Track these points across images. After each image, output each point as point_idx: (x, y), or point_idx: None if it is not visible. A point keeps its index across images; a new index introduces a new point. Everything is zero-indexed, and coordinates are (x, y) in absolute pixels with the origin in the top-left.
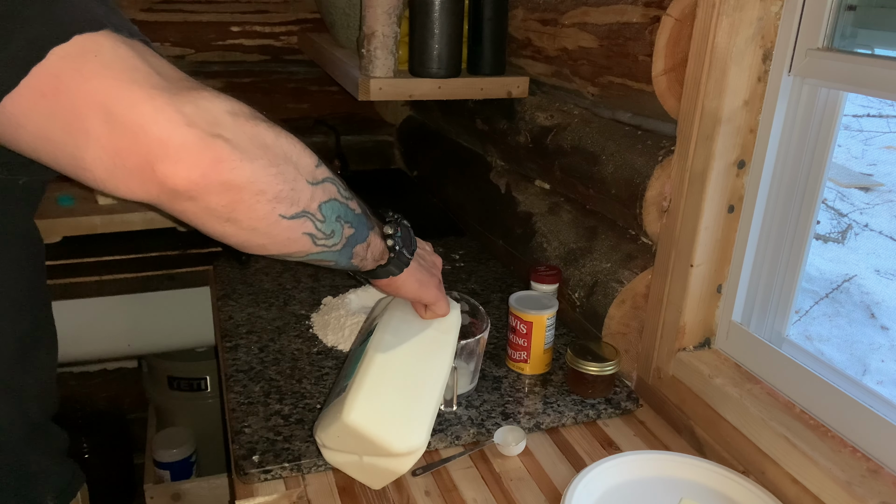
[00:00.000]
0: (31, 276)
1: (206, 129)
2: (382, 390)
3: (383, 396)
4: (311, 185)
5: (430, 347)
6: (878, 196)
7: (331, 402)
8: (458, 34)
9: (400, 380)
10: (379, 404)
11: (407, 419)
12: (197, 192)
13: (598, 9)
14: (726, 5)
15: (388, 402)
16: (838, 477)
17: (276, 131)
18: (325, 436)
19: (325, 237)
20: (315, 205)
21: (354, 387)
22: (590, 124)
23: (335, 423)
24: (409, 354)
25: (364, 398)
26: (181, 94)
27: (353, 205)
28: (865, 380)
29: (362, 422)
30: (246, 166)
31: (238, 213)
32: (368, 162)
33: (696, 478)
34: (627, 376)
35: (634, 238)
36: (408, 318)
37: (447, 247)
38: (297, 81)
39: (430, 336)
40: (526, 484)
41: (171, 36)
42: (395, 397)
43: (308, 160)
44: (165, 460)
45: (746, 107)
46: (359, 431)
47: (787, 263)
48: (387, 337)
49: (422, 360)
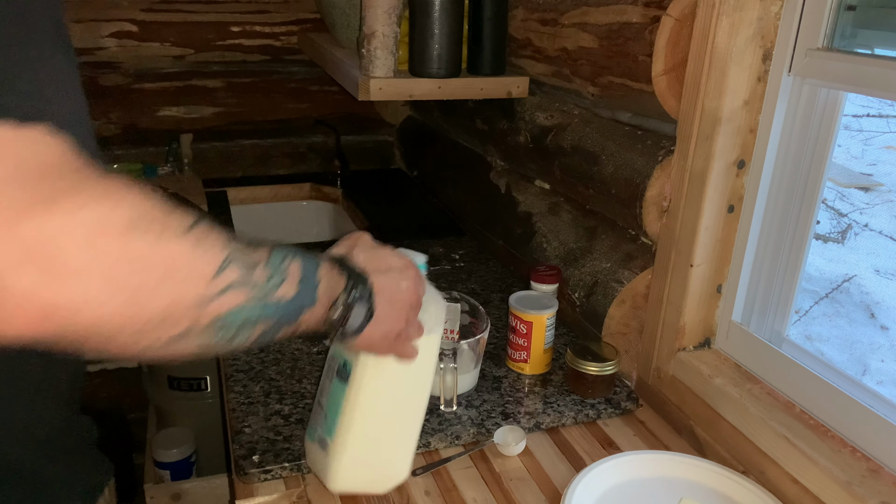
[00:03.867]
0: None
1: (42, 269)
2: (368, 447)
3: (369, 454)
4: (200, 303)
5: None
6: (878, 196)
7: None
8: (458, 34)
9: (386, 424)
10: (364, 466)
11: (392, 464)
12: (35, 339)
13: (598, 9)
14: (726, 5)
15: (374, 457)
16: (838, 477)
17: (160, 240)
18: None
19: (227, 342)
20: (207, 319)
21: (338, 446)
22: (590, 124)
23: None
24: (393, 389)
25: (348, 462)
26: (32, 212)
27: (280, 292)
28: (865, 380)
29: (347, 486)
30: (87, 313)
31: (94, 349)
32: (368, 162)
33: (696, 478)
34: (627, 376)
35: (634, 238)
36: None
37: (447, 247)
38: (297, 81)
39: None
40: (526, 484)
41: (171, 36)
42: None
43: (205, 268)
44: (165, 460)
45: (746, 107)
46: (346, 491)
47: (786, 263)
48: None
49: (407, 388)
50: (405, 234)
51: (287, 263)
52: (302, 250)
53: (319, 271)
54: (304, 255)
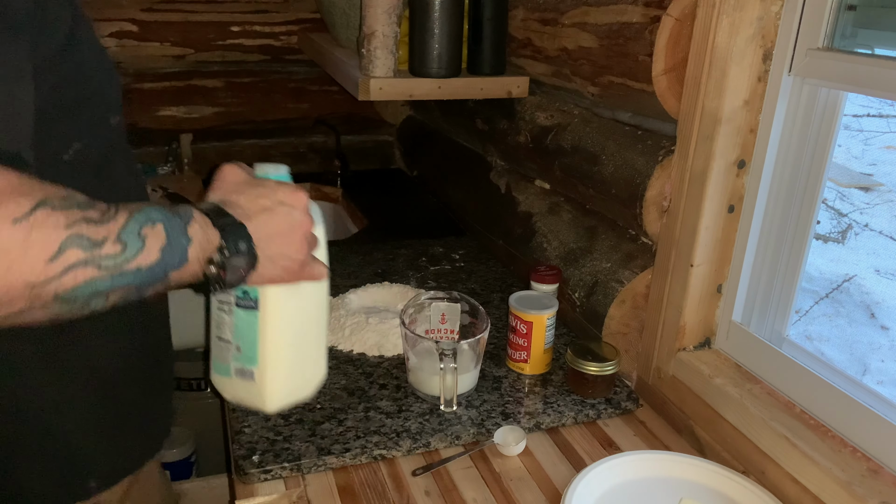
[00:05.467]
0: None
1: None
2: (292, 362)
3: (294, 368)
4: (36, 285)
5: (308, 294)
6: (878, 196)
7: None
8: (458, 34)
9: (301, 336)
10: (291, 379)
11: (314, 368)
12: None
13: (598, 9)
14: (726, 5)
15: (298, 369)
16: (838, 477)
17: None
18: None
19: (80, 310)
20: (48, 297)
21: (266, 371)
22: (590, 124)
23: (253, 404)
24: (301, 303)
25: (279, 382)
26: None
27: (137, 261)
28: (865, 380)
29: (282, 403)
30: None
31: None
32: (368, 162)
33: (696, 478)
34: (627, 376)
35: (634, 238)
36: None
37: (447, 247)
38: (297, 81)
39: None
40: (526, 484)
41: (171, 36)
42: (302, 357)
43: (39, 254)
44: (165, 460)
45: (746, 107)
46: (281, 407)
47: (787, 263)
48: (276, 296)
49: (313, 297)
50: (405, 234)
51: (146, 231)
52: (172, 210)
53: (189, 230)
54: (172, 216)
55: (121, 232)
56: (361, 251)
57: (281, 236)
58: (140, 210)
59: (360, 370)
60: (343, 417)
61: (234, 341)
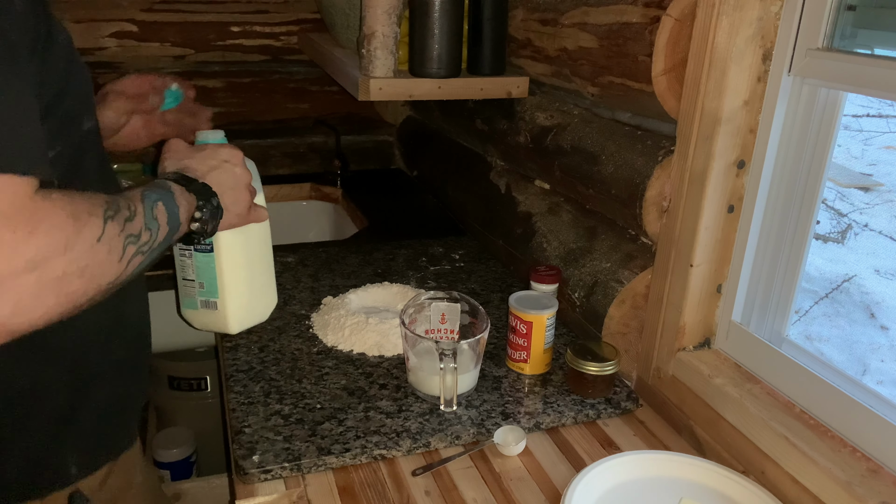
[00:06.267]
0: None
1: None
2: (248, 290)
3: (250, 294)
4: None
5: (254, 234)
6: (878, 196)
7: (194, 298)
8: (458, 34)
9: (253, 267)
10: (249, 305)
11: (266, 295)
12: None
13: (598, 9)
14: (726, 5)
15: (254, 295)
16: (838, 477)
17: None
18: (198, 324)
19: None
20: (114, 288)
21: (228, 300)
22: (590, 124)
23: (219, 329)
24: (250, 240)
25: (239, 307)
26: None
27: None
28: (865, 380)
29: (243, 326)
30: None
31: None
32: (368, 162)
33: (696, 478)
34: (627, 376)
35: (634, 238)
36: None
37: (447, 247)
38: (297, 81)
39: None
40: (526, 484)
41: (171, 36)
42: (255, 286)
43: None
44: (165, 460)
45: (746, 107)
46: (242, 328)
47: (786, 263)
48: (228, 237)
49: (258, 234)
50: (405, 234)
51: (156, 211)
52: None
53: (176, 199)
54: (161, 192)
55: (145, 220)
56: (361, 251)
57: (230, 189)
58: (145, 195)
59: (360, 370)
60: (343, 417)
61: (198, 280)
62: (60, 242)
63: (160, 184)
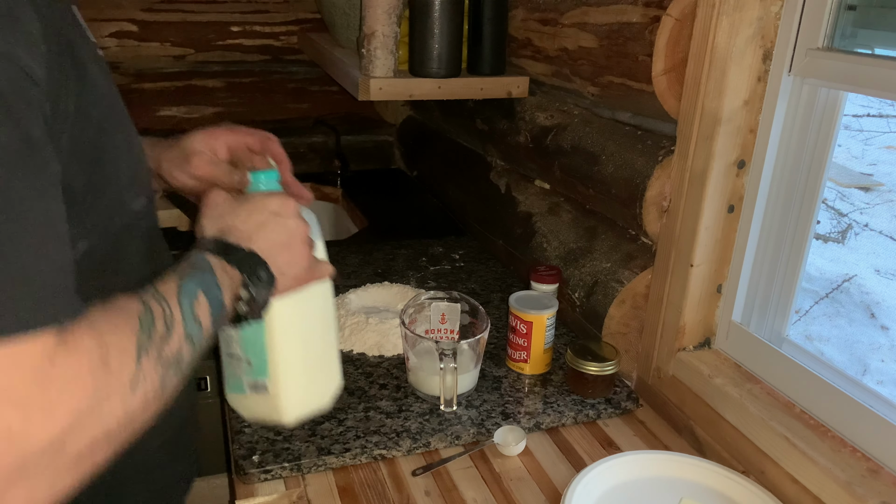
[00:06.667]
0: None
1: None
2: (304, 369)
3: (307, 375)
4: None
5: (313, 297)
6: (878, 196)
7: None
8: (458, 34)
9: (311, 341)
10: (306, 388)
11: (328, 375)
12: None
13: (598, 9)
14: (726, 5)
15: (312, 377)
16: (838, 477)
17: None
18: (247, 413)
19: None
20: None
21: (279, 381)
22: (590, 124)
23: (270, 419)
24: (307, 307)
25: (294, 391)
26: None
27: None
28: (865, 380)
29: (300, 413)
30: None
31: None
32: (368, 162)
33: (696, 478)
34: (627, 376)
35: (634, 238)
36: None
37: (447, 247)
38: (297, 81)
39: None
40: (526, 484)
41: (171, 36)
42: (314, 364)
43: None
44: None
45: (746, 107)
46: (299, 418)
47: (787, 263)
48: (280, 303)
49: (318, 299)
50: (405, 234)
51: (197, 310)
52: (195, 265)
53: (218, 281)
54: (200, 276)
55: (186, 329)
56: (361, 251)
57: (283, 247)
58: (183, 288)
59: (360, 370)
60: (343, 417)
61: (245, 355)
62: (85, 412)
63: (198, 262)
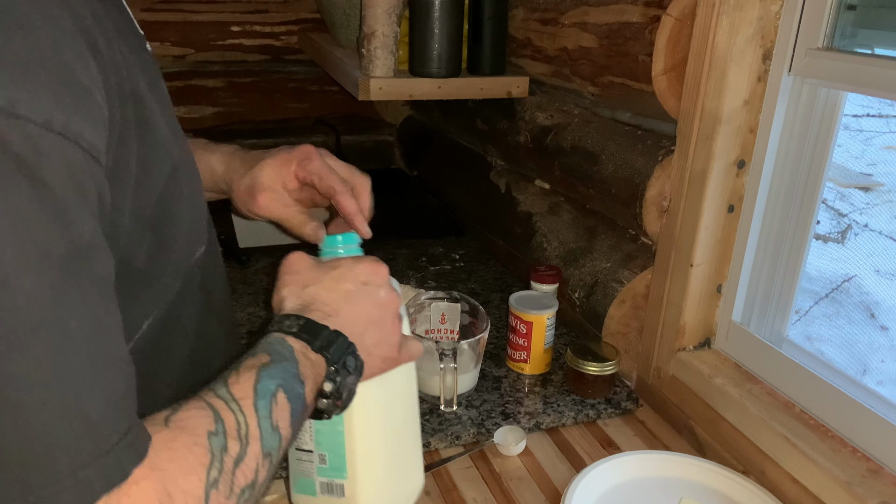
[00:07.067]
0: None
1: None
2: (386, 468)
3: (389, 474)
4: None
5: (399, 382)
6: (878, 196)
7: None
8: (458, 34)
9: (393, 435)
10: (388, 489)
11: (411, 474)
12: None
13: (598, 8)
14: (726, 5)
15: (394, 476)
16: (838, 477)
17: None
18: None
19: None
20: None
21: (358, 481)
22: (590, 124)
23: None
24: (389, 396)
25: (374, 492)
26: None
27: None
28: (865, 380)
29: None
30: None
31: None
32: (368, 162)
33: (696, 478)
34: (627, 376)
35: (634, 238)
36: None
37: (447, 247)
38: (297, 81)
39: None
40: (526, 484)
41: (171, 36)
42: (397, 462)
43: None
44: None
45: (746, 106)
46: None
47: (787, 263)
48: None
49: (402, 388)
50: (405, 234)
51: (275, 413)
52: (274, 361)
53: (300, 372)
54: (279, 369)
55: (263, 445)
56: None
57: (373, 324)
58: (259, 388)
59: None
60: None
61: (318, 451)
62: None
63: (277, 347)
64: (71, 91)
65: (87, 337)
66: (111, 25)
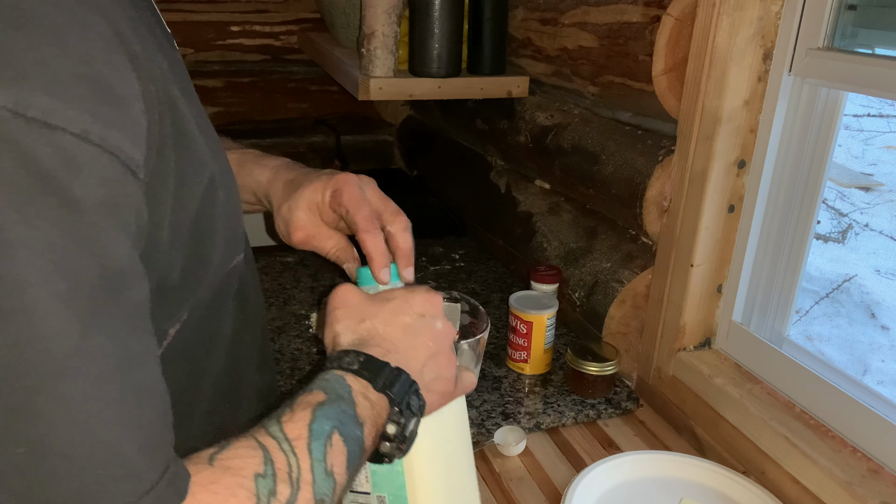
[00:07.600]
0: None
1: None
2: (447, 498)
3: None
4: None
5: (454, 415)
6: (878, 196)
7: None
8: (458, 34)
9: (452, 470)
10: None
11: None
12: None
13: (598, 8)
14: (726, 5)
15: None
16: (838, 477)
17: None
18: None
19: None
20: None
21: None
22: (590, 124)
23: None
24: (446, 429)
25: None
26: None
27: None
28: (865, 380)
29: None
30: None
31: None
32: (368, 162)
33: (696, 478)
34: (627, 376)
35: (634, 238)
36: None
37: (447, 247)
38: (297, 81)
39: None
40: (526, 484)
41: None
42: (458, 491)
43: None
44: None
45: (746, 106)
46: None
47: (787, 263)
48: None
49: (456, 419)
50: None
51: (330, 460)
52: (330, 402)
53: (358, 415)
54: (336, 409)
55: (315, 492)
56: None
57: (431, 357)
58: (313, 432)
59: None
60: None
61: (375, 492)
62: None
63: (335, 385)
64: (108, 102)
65: (119, 371)
66: (144, 28)
